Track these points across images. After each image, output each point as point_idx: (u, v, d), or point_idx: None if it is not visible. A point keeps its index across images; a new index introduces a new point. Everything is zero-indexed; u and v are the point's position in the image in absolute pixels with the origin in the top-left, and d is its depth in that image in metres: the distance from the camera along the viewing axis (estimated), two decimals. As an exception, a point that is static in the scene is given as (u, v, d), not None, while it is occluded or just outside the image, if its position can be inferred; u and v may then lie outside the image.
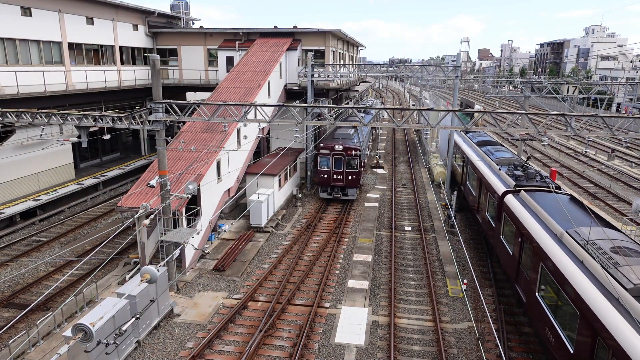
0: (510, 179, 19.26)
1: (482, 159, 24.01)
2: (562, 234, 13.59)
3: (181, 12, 41.76)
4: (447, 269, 20.58)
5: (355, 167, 28.30)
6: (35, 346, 14.50)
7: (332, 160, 28.36)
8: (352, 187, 28.85)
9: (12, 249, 22.09)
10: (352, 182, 28.68)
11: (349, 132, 32.19)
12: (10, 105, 23.57)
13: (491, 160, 22.68)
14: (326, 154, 28.51)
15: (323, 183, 28.96)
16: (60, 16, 28.54)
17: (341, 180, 28.54)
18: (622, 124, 14.72)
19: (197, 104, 16.89)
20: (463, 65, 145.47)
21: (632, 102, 34.66)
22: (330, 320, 16.39)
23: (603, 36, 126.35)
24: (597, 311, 10.29)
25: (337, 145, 28.24)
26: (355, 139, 30.70)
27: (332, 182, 28.67)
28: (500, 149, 25.66)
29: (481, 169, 22.60)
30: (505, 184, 19.37)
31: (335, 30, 35.53)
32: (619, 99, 67.57)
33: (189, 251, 19.71)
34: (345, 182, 28.63)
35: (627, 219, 26.54)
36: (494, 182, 20.11)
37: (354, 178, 28.59)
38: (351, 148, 28.24)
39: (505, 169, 20.89)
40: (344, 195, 28.97)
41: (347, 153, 28.27)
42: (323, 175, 28.64)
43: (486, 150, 25.14)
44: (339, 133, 31.13)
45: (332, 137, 30.30)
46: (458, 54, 32.22)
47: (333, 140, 29.45)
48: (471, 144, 28.10)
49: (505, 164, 21.97)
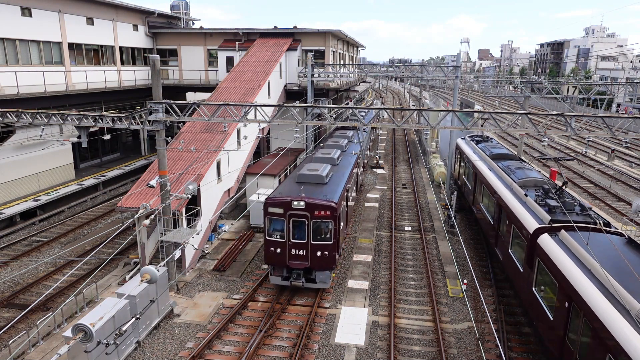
0: (543, 211, 15.12)
1: (501, 178, 19.92)
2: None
3: (181, 12, 41.77)
4: (447, 269, 20.58)
5: (328, 236, 17.37)
6: (35, 346, 14.50)
7: (288, 226, 17.32)
8: (324, 268, 17.62)
9: (12, 249, 22.09)
10: (322, 260, 17.45)
11: (333, 155, 22.78)
12: (10, 106, 23.59)
13: (513, 182, 18.52)
14: (278, 215, 17.38)
15: (275, 261, 17.79)
16: (60, 16, 28.54)
17: (304, 257, 17.47)
18: (622, 124, 14.72)
19: (197, 104, 16.89)
20: (463, 66, 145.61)
21: (632, 102, 34.66)
22: (330, 321, 16.39)
23: (603, 36, 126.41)
24: None
25: (297, 201, 17.10)
26: (335, 175, 20.78)
27: (289, 261, 17.53)
28: (522, 165, 21.07)
29: (502, 194, 18.44)
30: (537, 217, 15.16)
31: (335, 31, 35.54)
32: (619, 99, 67.60)
33: (189, 251, 19.71)
34: (312, 262, 17.45)
35: (627, 219, 26.55)
36: (521, 214, 15.92)
37: (325, 255, 17.36)
38: (322, 205, 17.08)
39: (532, 195, 16.80)
40: (309, 281, 17.92)
41: (315, 214, 17.07)
42: (274, 248, 17.62)
43: (505, 167, 20.78)
44: (308, 171, 19.90)
45: (295, 180, 19.63)
46: (458, 54, 32.25)
47: (293, 187, 18.72)
48: (484, 157, 23.66)
49: (531, 186, 18.05)
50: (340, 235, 18.87)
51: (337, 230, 17.61)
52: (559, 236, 13.58)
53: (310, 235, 17.32)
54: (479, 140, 27.57)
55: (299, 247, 17.49)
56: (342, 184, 19.99)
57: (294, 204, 17.14)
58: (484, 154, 24.10)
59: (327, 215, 17.14)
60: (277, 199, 17.47)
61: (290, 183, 19.53)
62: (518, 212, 16.14)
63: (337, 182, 19.95)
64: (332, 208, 17.13)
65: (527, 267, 14.64)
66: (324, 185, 19.20)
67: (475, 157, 24.46)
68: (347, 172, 21.86)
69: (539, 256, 13.70)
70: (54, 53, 28.49)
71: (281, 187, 19.18)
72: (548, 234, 13.79)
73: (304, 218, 17.20)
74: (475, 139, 28.11)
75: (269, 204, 17.45)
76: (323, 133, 35.80)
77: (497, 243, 18.70)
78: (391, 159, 44.85)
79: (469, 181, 25.32)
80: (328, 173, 20.27)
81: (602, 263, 11.21)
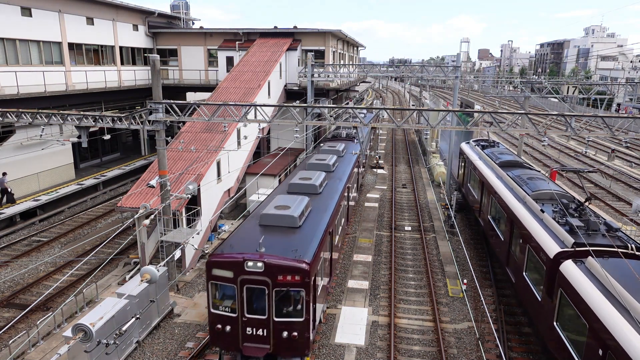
0: (564, 232, 13.15)
1: (512, 189, 18.19)
2: None
3: (181, 12, 41.80)
4: (447, 269, 20.59)
5: (298, 309, 12.29)
6: (35, 346, 14.50)
7: (241, 295, 12.24)
8: (292, 355, 12.59)
9: (12, 249, 22.09)
10: (290, 344, 12.40)
11: (314, 181, 17.53)
12: (10, 105, 23.59)
13: (526, 195, 16.73)
14: (226, 280, 12.28)
15: (223, 344, 12.87)
16: (60, 16, 28.55)
17: (264, 339, 12.41)
18: (622, 124, 14.73)
19: (197, 104, 16.89)
20: (463, 66, 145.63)
21: (632, 102, 34.66)
22: (330, 320, 16.39)
23: (603, 36, 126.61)
24: None
25: (253, 261, 11.96)
26: (315, 210, 15.45)
27: (243, 344, 12.49)
28: (534, 174, 19.08)
29: (514, 208, 16.59)
30: (557, 239, 13.14)
31: (335, 31, 35.55)
32: (618, 99, 67.62)
33: (189, 251, 19.72)
34: (275, 346, 12.42)
35: (627, 219, 26.55)
36: (538, 233, 13.94)
37: (294, 337, 12.28)
38: (288, 267, 11.94)
39: (549, 211, 14.91)
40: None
41: (279, 280, 11.94)
42: (221, 326, 12.57)
43: (515, 176, 18.97)
44: (275, 210, 14.20)
45: (258, 222, 14.16)
46: (458, 54, 32.26)
47: (252, 234, 13.51)
48: (491, 164, 22.02)
49: (547, 199, 16.12)
50: (318, 306, 13.71)
51: (312, 300, 12.35)
52: (585, 264, 11.64)
53: (273, 310, 12.05)
54: (485, 145, 25.79)
55: (257, 325, 12.26)
56: (323, 224, 14.56)
57: (248, 265, 11.83)
58: (491, 160, 22.29)
59: (296, 281, 11.81)
60: (225, 258, 12.22)
61: (250, 227, 13.98)
62: (534, 232, 14.20)
63: (316, 223, 14.51)
64: (304, 272, 11.77)
65: (547, 297, 12.69)
66: (296, 231, 13.69)
67: (482, 163, 22.80)
68: (332, 205, 16.48)
69: (561, 286, 11.79)
70: (54, 53, 28.50)
71: (235, 235, 13.69)
72: (572, 261, 11.89)
73: (263, 285, 11.89)
74: (481, 143, 26.32)
75: (212, 263, 12.30)
76: (323, 133, 35.78)
77: (509, 262, 16.68)
78: (391, 159, 44.86)
79: (474, 190, 23.71)
80: (304, 211, 14.57)
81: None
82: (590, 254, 11.67)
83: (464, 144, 28.13)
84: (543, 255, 13.13)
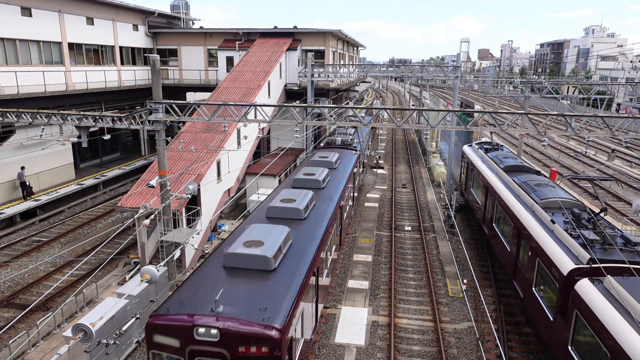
0: (579, 246, 12.06)
1: (519, 197, 17.28)
2: None
3: (181, 12, 41.81)
4: (447, 269, 20.58)
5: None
6: (35, 346, 14.50)
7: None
8: None
9: (12, 249, 22.09)
10: None
11: (298, 203, 14.74)
12: (10, 105, 23.60)
13: (535, 203, 15.73)
14: (171, 350, 9.02)
15: None
16: (60, 16, 28.55)
17: None
18: (622, 124, 14.72)
19: (197, 104, 16.89)
20: (463, 66, 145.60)
21: (632, 102, 34.65)
22: (330, 320, 16.39)
23: (603, 36, 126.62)
24: None
25: (206, 327, 8.77)
26: (295, 247, 12.25)
27: None
28: (542, 181, 17.93)
29: (521, 217, 15.63)
30: (570, 254, 12.12)
31: (335, 31, 35.55)
32: (618, 99, 67.62)
33: (189, 251, 19.71)
34: None
35: (627, 219, 26.55)
36: (549, 247, 12.89)
37: None
38: (251, 335, 8.68)
39: (560, 221, 13.86)
40: None
41: (239, 352, 8.70)
42: None
43: (522, 183, 17.97)
44: (243, 248, 11.20)
45: (222, 264, 11.23)
46: (458, 54, 32.24)
47: (211, 283, 10.19)
48: (496, 169, 21.10)
49: (557, 209, 15.07)
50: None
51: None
52: (604, 283, 10.49)
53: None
54: (489, 148, 24.85)
55: None
56: (304, 265, 11.54)
57: (199, 333, 8.81)
58: (495, 165, 21.34)
59: (263, 354, 8.73)
60: (169, 321, 9.12)
61: (211, 270, 10.97)
62: (544, 245, 13.15)
63: (296, 264, 11.44)
64: (272, 341, 8.70)
65: (560, 317, 11.65)
66: (269, 276, 10.63)
67: (485, 168, 21.96)
68: (318, 235, 13.49)
69: (577, 307, 10.66)
70: (54, 53, 28.50)
71: (190, 282, 10.46)
72: (589, 280, 10.78)
73: (219, 358, 8.87)
74: (485, 147, 25.26)
75: (153, 327, 9.15)
76: (323, 133, 35.78)
77: (516, 275, 15.72)
78: (391, 158, 44.87)
79: (477, 196, 22.79)
80: (281, 246, 11.51)
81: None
82: (608, 271, 10.68)
83: (466, 146, 27.18)
84: (555, 272, 12.06)
